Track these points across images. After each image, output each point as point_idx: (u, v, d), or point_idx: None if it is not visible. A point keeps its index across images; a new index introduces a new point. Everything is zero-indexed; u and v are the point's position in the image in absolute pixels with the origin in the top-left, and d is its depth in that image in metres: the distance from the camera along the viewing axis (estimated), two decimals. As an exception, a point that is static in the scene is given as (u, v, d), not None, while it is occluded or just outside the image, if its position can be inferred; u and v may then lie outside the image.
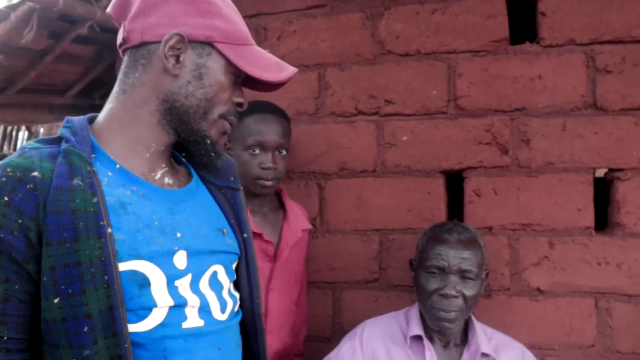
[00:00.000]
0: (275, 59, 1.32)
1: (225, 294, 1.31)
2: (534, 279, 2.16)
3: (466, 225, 2.00)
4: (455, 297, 1.83)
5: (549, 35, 2.15)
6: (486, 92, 2.20)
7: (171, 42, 1.20)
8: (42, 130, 4.42)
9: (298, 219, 2.20)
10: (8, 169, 1.11)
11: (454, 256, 1.86)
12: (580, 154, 2.12)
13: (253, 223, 2.02)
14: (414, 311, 2.01)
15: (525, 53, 2.17)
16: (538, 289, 2.15)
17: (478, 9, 2.21)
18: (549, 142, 2.15)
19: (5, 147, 4.84)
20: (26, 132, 4.92)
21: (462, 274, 1.86)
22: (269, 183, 2.05)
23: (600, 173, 2.22)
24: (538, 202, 2.16)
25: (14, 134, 4.93)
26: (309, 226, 2.27)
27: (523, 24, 2.34)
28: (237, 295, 1.37)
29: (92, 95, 3.24)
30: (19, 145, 4.96)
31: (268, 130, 2.04)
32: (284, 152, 2.11)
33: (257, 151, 2.04)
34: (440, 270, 1.87)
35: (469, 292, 1.85)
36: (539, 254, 2.16)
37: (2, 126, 4.68)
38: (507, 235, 2.19)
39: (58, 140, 1.20)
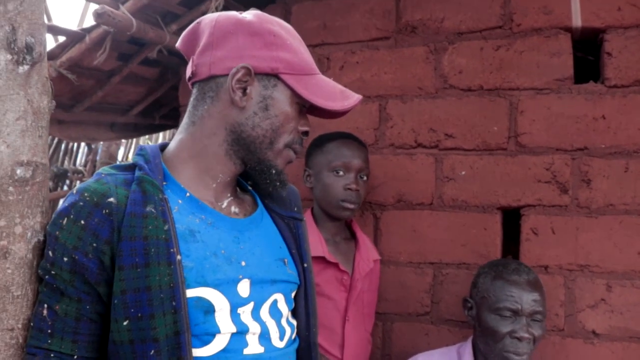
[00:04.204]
0: (339, 87, 1.34)
1: (284, 321, 1.32)
2: (589, 322, 2.12)
3: (525, 264, 1.99)
4: (529, 339, 1.82)
5: (615, 75, 2.14)
6: (548, 130, 2.19)
7: (238, 75, 1.23)
8: (101, 146, 4.54)
9: (369, 249, 2.23)
10: (85, 194, 1.15)
11: (527, 299, 1.85)
12: (643, 196, 2.09)
13: (328, 252, 2.05)
14: (467, 348, 1.99)
15: (589, 92, 2.16)
16: (593, 332, 2.11)
17: (543, 47, 2.21)
18: (610, 183, 2.12)
19: (66, 162, 4.98)
20: (86, 148, 5.05)
21: (533, 316, 1.85)
22: (351, 206, 2.11)
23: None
24: (597, 243, 2.13)
25: (74, 149, 5.08)
26: (378, 257, 2.29)
27: (587, 62, 2.32)
28: (294, 323, 1.38)
29: (153, 115, 3.32)
30: (79, 161, 5.10)
31: (352, 153, 2.12)
32: (365, 178, 2.17)
33: (341, 173, 2.11)
34: (513, 313, 1.85)
35: (537, 334, 1.85)
36: (596, 296, 2.12)
37: (64, 142, 4.81)
38: (564, 276, 2.16)
39: (132, 167, 1.24)
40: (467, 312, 2.01)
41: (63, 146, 4.93)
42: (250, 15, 1.29)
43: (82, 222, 1.12)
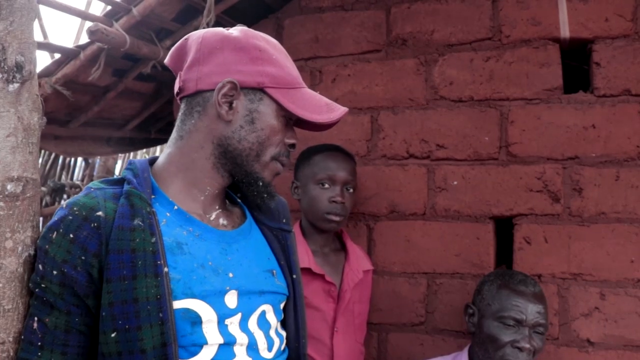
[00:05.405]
0: (325, 100, 1.36)
1: (272, 333, 1.34)
2: (583, 330, 2.13)
3: (531, 277, 2.00)
4: (530, 350, 1.83)
5: (604, 85, 2.16)
6: (538, 140, 2.21)
7: (224, 90, 1.25)
8: (98, 160, 4.57)
9: (359, 260, 2.23)
10: (75, 208, 1.17)
11: (532, 310, 1.87)
12: (634, 204, 2.11)
13: (314, 264, 2.06)
14: (463, 357, 2.00)
15: (578, 102, 2.18)
16: (588, 340, 2.12)
17: (532, 57, 2.23)
18: (601, 191, 2.14)
19: (63, 177, 5.00)
20: (83, 163, 5.07)
21: (535, 328, 1.87)
22: (337, 218, 2.12)
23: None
24: (589, 251, 2.14)
25: (72, 164, 5.10)
26: (371, 267, 2.30)
27: (576, 71, 2.34)
28: (283, 334, 1.40)
29: (149, 130, 3.33)
30: (76, 175, 5.12)
31: (337, 166, 2.14)
32: (351, 190, 2.18)
33: (326, 185, 2.12)
34: (517, 322, 1.86)
35: (538, 346, 1.86)
36: (590, 304, 2.13)
37: (61, 157, 4.84)
38: (557, 284, 2.17)
39: (121, 181, 1.26)
40: (468, 319, 2.02)
41: (60, 161, 4.95)
42: (236, 31, 1.31)
43: (71, 235, 1.14)
